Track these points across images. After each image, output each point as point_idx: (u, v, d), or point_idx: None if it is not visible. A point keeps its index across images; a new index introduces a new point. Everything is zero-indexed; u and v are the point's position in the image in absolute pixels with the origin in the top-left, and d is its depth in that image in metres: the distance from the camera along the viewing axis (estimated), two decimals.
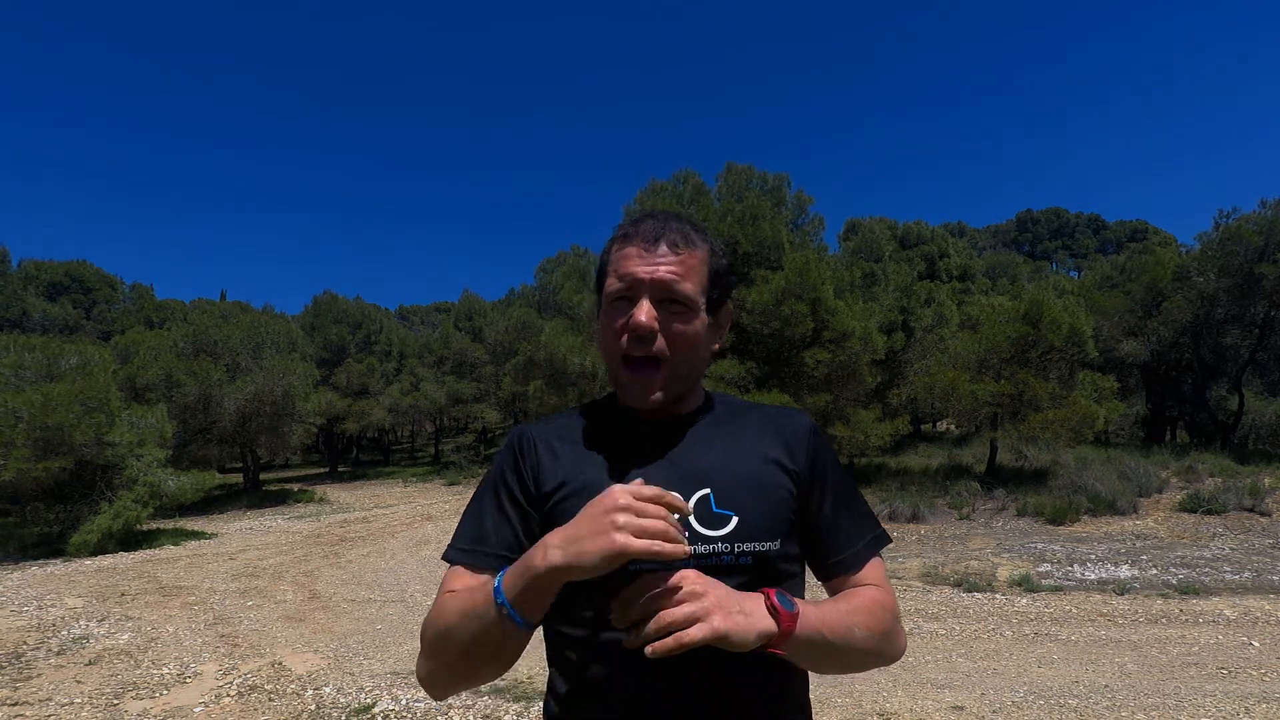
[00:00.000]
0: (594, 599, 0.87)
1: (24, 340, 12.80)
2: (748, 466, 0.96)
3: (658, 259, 0.93)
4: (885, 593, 0.97)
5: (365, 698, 4.44)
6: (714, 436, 0.99)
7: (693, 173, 13.96)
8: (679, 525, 0.76)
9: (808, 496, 0.98)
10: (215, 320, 19.68)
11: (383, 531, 12.32)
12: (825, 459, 1.01)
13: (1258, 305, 15.66)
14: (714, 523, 0.90)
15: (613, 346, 0.95)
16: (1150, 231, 65.88)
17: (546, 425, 1.04)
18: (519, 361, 15.61)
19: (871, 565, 1.00)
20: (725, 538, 0.89)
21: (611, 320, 0.95)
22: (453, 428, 35.30)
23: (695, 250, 0.97)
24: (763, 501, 0.93)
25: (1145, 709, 3.98)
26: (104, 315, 35.10)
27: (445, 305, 48.58)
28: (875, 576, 0.99)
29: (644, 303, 0.92)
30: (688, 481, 0.92)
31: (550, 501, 0.95)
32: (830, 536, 0.99)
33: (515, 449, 1.00)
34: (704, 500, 0.92)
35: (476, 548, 0.95)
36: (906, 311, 16.23)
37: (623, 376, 0.95)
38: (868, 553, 1.00)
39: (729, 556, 0.89)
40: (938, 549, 9.19)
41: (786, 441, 1.00)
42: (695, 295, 0.95)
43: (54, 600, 7.52)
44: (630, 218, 1.01)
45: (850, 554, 0.99)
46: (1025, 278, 34.96)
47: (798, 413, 1.06)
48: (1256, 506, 9.74)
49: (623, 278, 0.94)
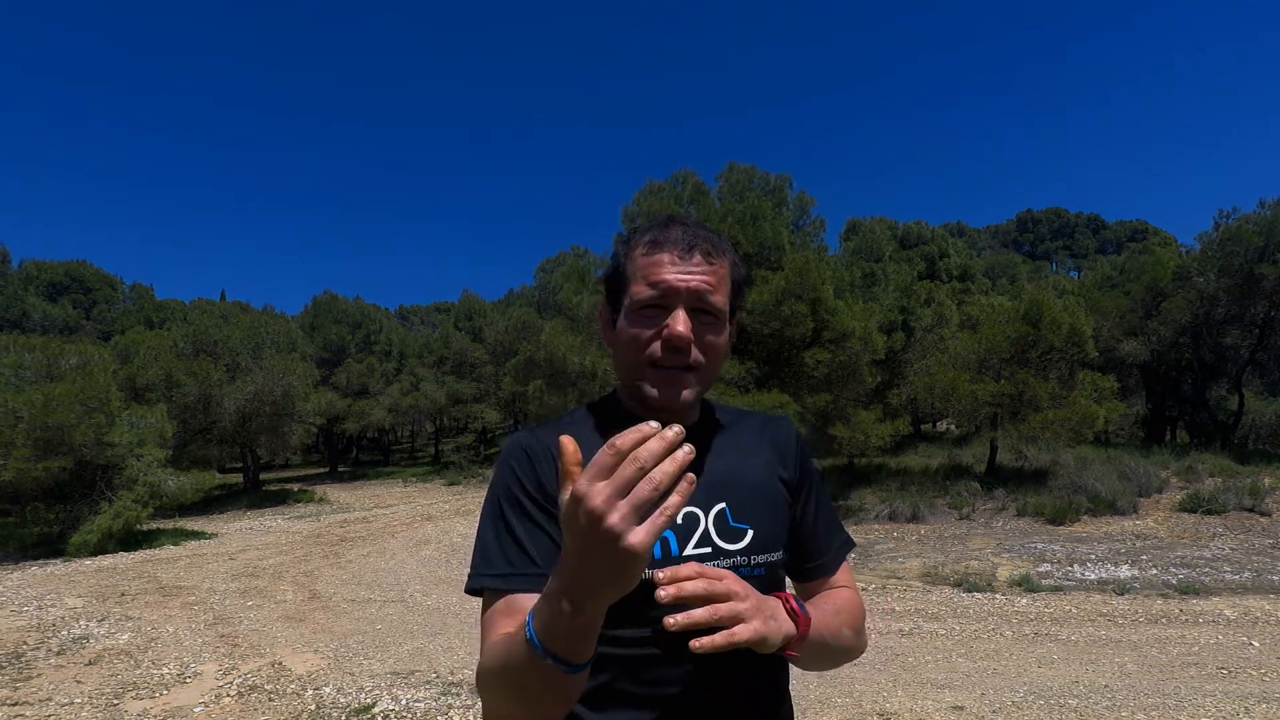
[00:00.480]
0: None
1: (24, 340, 12.80)
2: (756, 478, 0.98)
3: (693, 268, 0.91)
4: (857, 594, 1.05)
5: (365, 698, 4.44)
6: (722, 447, 0.99)
7: (692, 173, 13.95)
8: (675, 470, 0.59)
9: (796, 503, 1.03)
10: (215, 320, 19.68)
11: (383, 531, 12.32)
12: (810, 466, 1.06)
13: (1258, 305, 15.66)
14: (732, 536, 0.92)
15: (639, 354, 0.92)
16: (1150, 231, 65.88)
17: (545, 432, 0.97)
18: (519, 361, 15.62)
19: (843, 568, 1.06)
20: (743, 550, 0.92)
21: (640, 327, 0.92)
22: (453, 428, 35.31)
23: (725, 260, 0.95)
24: (772, 513, 0.96)
25: (1145, 709, 3.98)
26: (104, 315, 35.11)
27: (445, 305, 48.54)
28: (847, 579, 1.06)
29: (680, 312, 0.90)
30: (705, 495, 0.92)
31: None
32: (812, 542, 1.04)
33: (527, 455, 0.93)
34: (721, 514, 0.92)
35: (520, 570, 0.85)
36: (906, 311, 16.23)
37: (651, 377, 0.92)
38: (841, 556, 1.06)
39: (745, 569, 0.91)
40: (938, 549, 9.19)
41: (780, 451, 1.03)
42: (724, 306, 0.94)
43: (54, 600, 7.52)
44: (654, 222, 0.97)
45: (829, 558, 1.04)
46: (1025, 278, 34.99)
47: (784, 420, 1.09)
48: (1256, 506, 9.74)
49: (656, 285, 0.91)
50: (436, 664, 5.13)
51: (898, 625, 6.07)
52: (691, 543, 0.90)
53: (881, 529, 10.67)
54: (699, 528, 0.91)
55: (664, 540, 0.89)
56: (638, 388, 0.94)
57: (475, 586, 0.87)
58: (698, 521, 0.91)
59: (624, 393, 1.02)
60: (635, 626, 0.85)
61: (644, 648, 0.86)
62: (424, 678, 4.81)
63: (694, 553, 0.89)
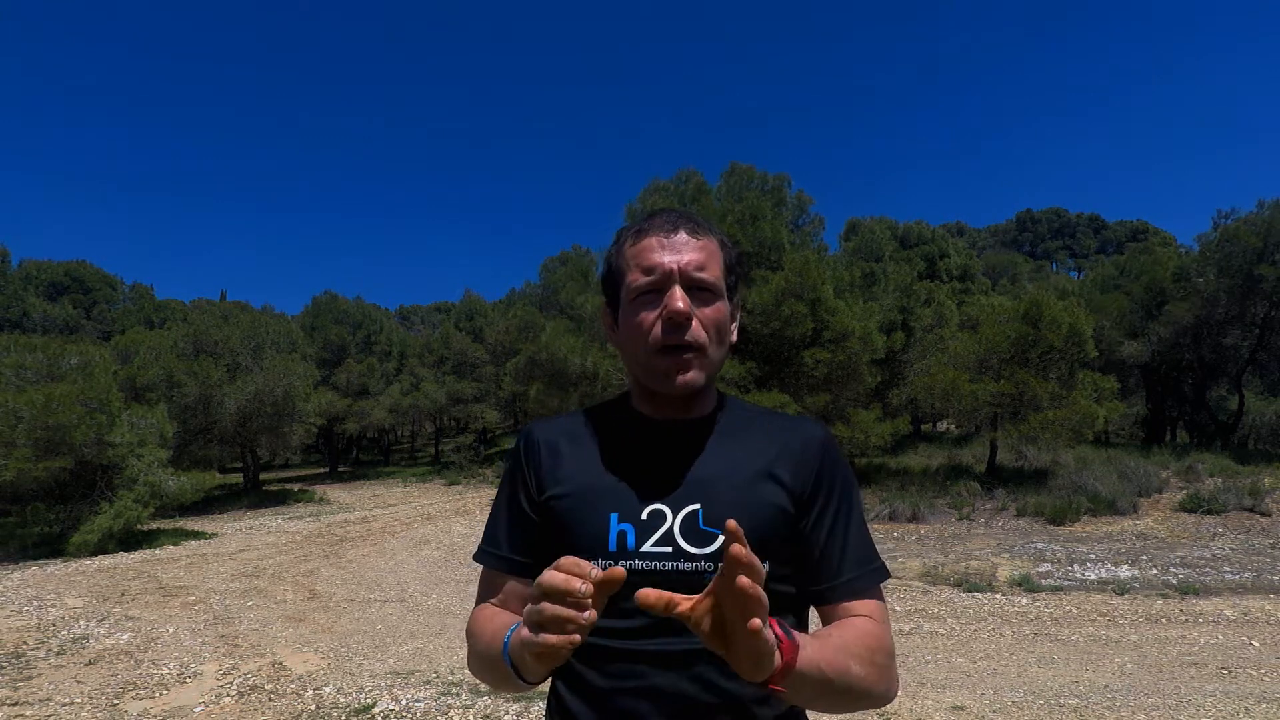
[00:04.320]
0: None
1: (25, 340, 12.79)
2: (742, 483, 0.93)
3: (680, 246, 0.93)
4: (883, 629, 0.90)
5: (365, 698, 4.44)
6: (717, 447, 0.97)
7: (695, 171, 13.98)
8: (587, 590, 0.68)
9: (805, 515, 0.95)
10: (215, 320, 19.68)
11: (383, 531, 12.33)
12: (833, 477, 0.97)
13: (1257, 305, 15.67)
14: (700, 540, 0.89)
15: (642, 340, 0.93)
16: (1151, 232, 65.89)
17: (555, 424, 1.04)
18: (520, 362, 15.61)
19: (868, 599, 0.93)
20: (709, 557, 0.88)
21: (639, 314, 0.93)
22: (453, 428, 35.28)
23: (712, 237, 0.97)
24: (753, 521, 0.90)
25: (1145, 709, 3.98)
26: (104, 315, 35.11)
27: (445, 305, 48.56)
28: (872, 609, 0.92)
29: (676, 289, 0.91)
30: (680, 494, 0.92)
31: (547, 504, 0.96)
32: (824, 561, 0.94)
33: (521, 450, 1.02)
34: (692, 516, 0.90)
35: (489, 549, 1.02)
36: (906, 311, 16.24)
37: (657, 363, 0.92)
38: (864, 584, 0.94)
39: (711, 575, 0.87)
40: (938, 549, 9.19)
41: (792, 456, 0.96)
42: (718, 281, 0.95)
43: (54, 600, 7.52)
44: (638, 218, 1.01)
45: (845, 581, 0.93)
46: (1025, 278, 34.99)
47: (812, 425, 1.01)
48: (1256, 506, 9.74)
49: (649, 270, 0.92)
50: (436, 664, 5.13)
51: (898, 625, 6.07)
52: (651, 540, 0.89)
53: (881, 529, 10.67)
54: (663, 525, 0.90)
55: (621, 533, 0.90)
56: (648, 380, 0.95)
57: (475, 553, 1.05)
58: (663, 518, 0.90)
59: (635, 392, 1.04)
60: (608, 616, 0.86)
61: (611, 639, 0.88)
62: (424, 678, 4.81)
63: (652, 550, 0.89)
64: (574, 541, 0.92)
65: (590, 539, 0.91)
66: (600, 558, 0.89)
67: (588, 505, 0.93)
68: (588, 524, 0.92)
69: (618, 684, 0.88)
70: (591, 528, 0.91)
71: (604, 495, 0.93)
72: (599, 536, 0.90)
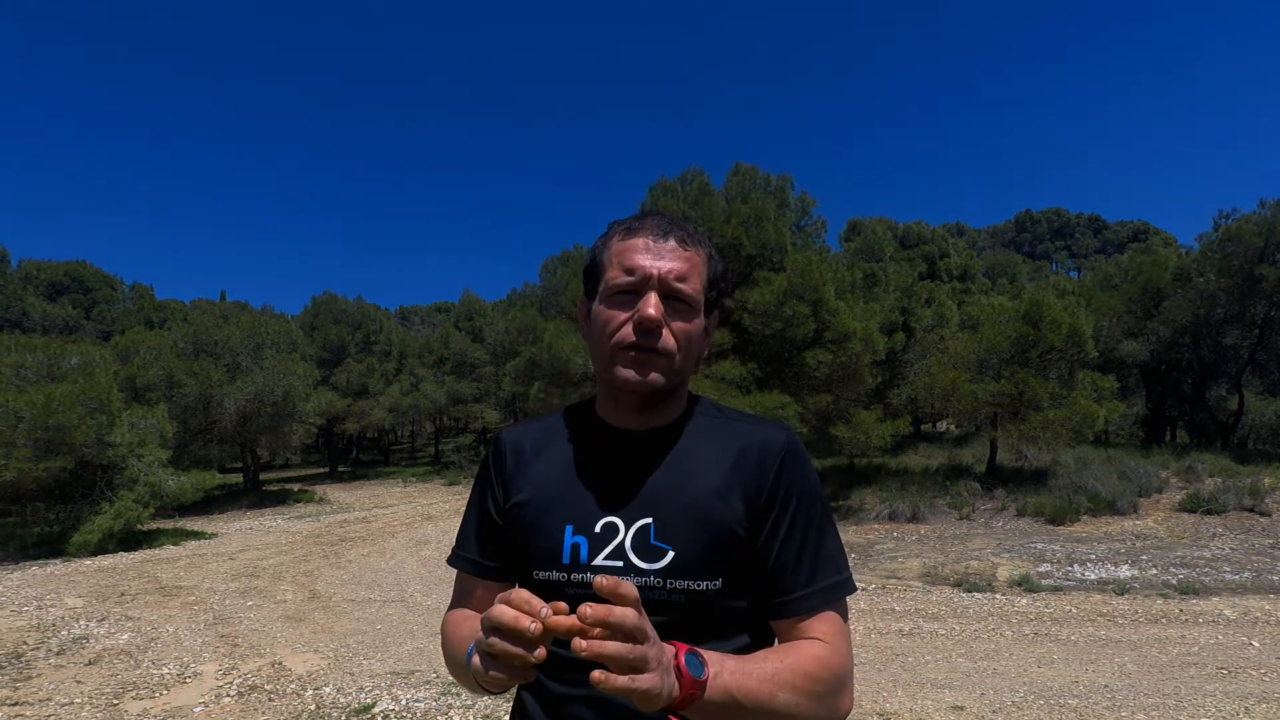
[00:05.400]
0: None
1: (25, 340, 12.78)
2: (697, 496, 0.90)
3: (666, 253, 0.92)
4: (832, 650, 0.86)
5: (365, 698, 4.44)
6: (675, 458, 0.94)
7: (700, 171, 13.89)
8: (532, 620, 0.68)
9: (760, 527, 0.90)
10: (215, 320, 19.69)
11: (382, 531, 12.33)
12: (792, 485, 0.92)
13: (1258, 305, 15.66)
14: (650, 555, 0.88)
15: (610, 337, 0.92)
16: (1151, 232, 65.84)
17: (525, 430, 1.05)
18: (520, 362, 15.59)
19: (824, 616, 0.89)
20: (659, 573, 0.87)
21: (612, 311, 0.92)
22: (453, 428, 35.27)
23: (699, 249, 0.96)
24: (704, 536, 0.88)
25: (1145, 709, 3.99)
26: (104, 315, 35.08)
27: (445, 305, 48.47)
28: (825, 629, 0.88)
29: (651, 295, 0.90)
30: (634, 507, 0.91)
31: (511, 511, 0.97)
32: (779, 575, 0.90)
33: (490, 457, 1.04)
34: (644, 530, 0.89)
35: (460, 552, 1.04)
36: (907, 312, 16.24)
37: (620, 359, 0.91)
38: (819, 600, 0.89)
39: (661, 593, 0.87)
40: (938, 549, 9.19)
41: (751, 464, 0.92)
42: (697, 295, 0.94)
43: (54, 600, 7.52)
44: (632, 215, 1.00)
45: (798, 597, 0.89)
46: (1025, 278, 34.96)
47: (775, 430, 0.96)
48: (1256, 506, 9.74)
49: (630, 270, 0.91)
50: (436, 664, 5.13)
51: (898, 625, 6.07)
52: (603, 553, 0.89)
53: (881, 529, 10.67)
54: (616, 538, 0.89)
55: (575, 545, 0.90)
56: (608, 377, 0.93)
57: (449, 557, 1.07)
58: (615, 531, 0.90)
59: (600, 395, 1.03)
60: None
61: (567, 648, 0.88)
62: (424, 678, 4.81)
63: (604, 563, 0.88)
64: (531, 552, 0.93)
65: (545, 550, 0.92)
66: (555, 569, 0.91)
67: (545, 515, 0.94)
68: (543, 535, 0.93)
69: (570, 691, 0.89)
70: (547, 539, 0.92)
71: (560, 506, 0.94)
72: (553, 548, 0.91)
